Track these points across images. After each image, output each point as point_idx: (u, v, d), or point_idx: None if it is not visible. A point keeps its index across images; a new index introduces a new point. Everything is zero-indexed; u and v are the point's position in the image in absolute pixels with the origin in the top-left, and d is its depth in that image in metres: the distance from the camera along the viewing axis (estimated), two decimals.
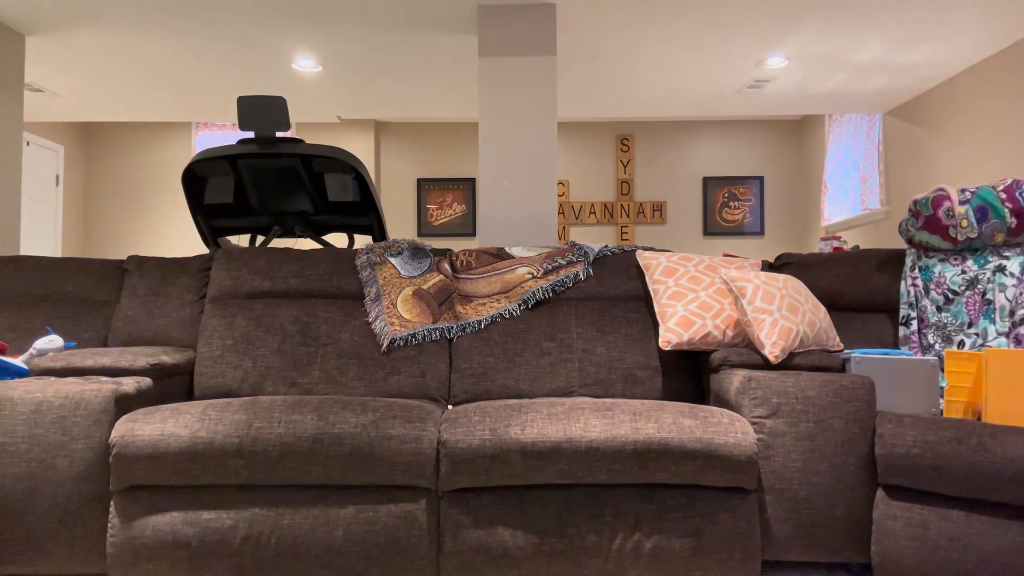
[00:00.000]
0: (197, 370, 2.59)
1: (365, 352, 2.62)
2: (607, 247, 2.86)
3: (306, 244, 7.17)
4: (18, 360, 2.31)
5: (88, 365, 2.24)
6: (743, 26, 4.41)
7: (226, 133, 7.76)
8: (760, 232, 7.78)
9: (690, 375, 2.62)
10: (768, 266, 2.86)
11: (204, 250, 7.69)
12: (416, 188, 7.81)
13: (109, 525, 2.02)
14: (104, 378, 2.18)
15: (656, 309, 2.59)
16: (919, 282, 2.63)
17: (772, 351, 2.23)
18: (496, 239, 4.08)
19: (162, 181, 7.79)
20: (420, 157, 7.84)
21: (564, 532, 2.00)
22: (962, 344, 2.52)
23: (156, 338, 2.70)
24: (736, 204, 7.78)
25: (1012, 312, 2.45)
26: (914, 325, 2.60)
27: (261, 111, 3.44)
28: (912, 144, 5.78)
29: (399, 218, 7.81)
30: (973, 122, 4.99)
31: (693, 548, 2.00)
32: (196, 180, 3.69)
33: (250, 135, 6.85)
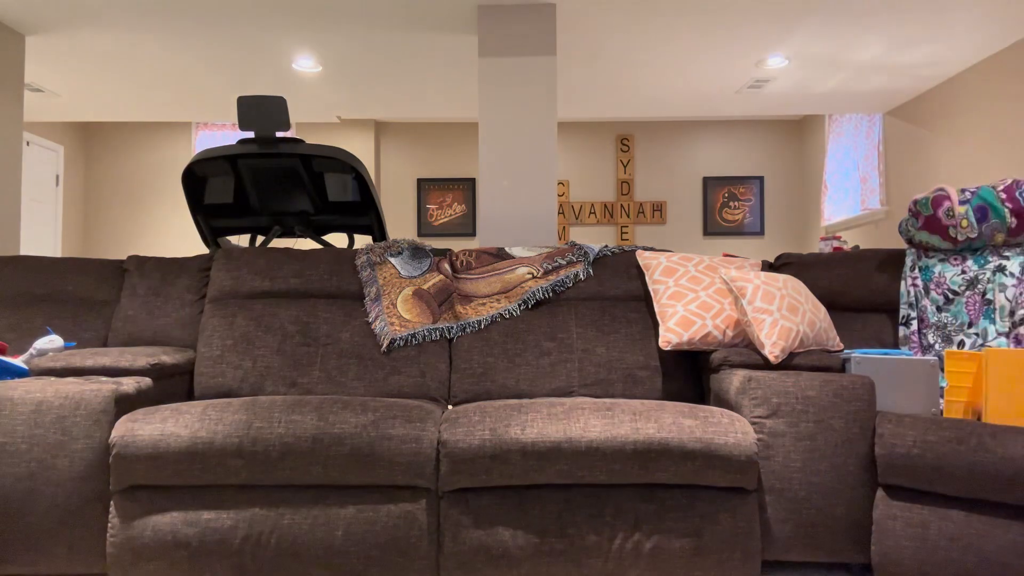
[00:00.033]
0: (197, 370, 2.59)
1: (365, 352, 2.62)
2: (607, 247, 2.86)
3: (306, 244, 7.17)
4: (18, 360, 2.31)
5: (88, 365, 2.24)
6: (743, 26, 4.41)
7: (226, 133, 7.76)
8: (760, 232, 7.78)
9: (690, 375, 2.62)
10: (768, 266, 2.86)
11: (204, 250, 7.69)
12: (416, 188, 7.81)
13: (109, 525, 2.02)
14: (104, 378, 2.18)
15: (656, 309, 2.59)
16: (919, 282, 2.63)
17: (772, 351, 2.23)
18: (496, 239, 4.08)
19: (162, 181, 7.79)
20: (420, 157, 7.84)
21: (564, 532, 2.00)
22: (962, 344, 2.52)
23: (156, 338, 2.70)
24: (736, 204, 7.78)
25: (1012, 312, 2.45)
26: (914, 325, 2.60)
27: (261, 111, 3.44)
28: (912, 144, 5.78)
29: (399, 218, 7.81)
30: (973, 122, 4.99)
31: (693, 548, 2.00)
32: (196, 180, 3.69)
33: (250, 135, 6.85)
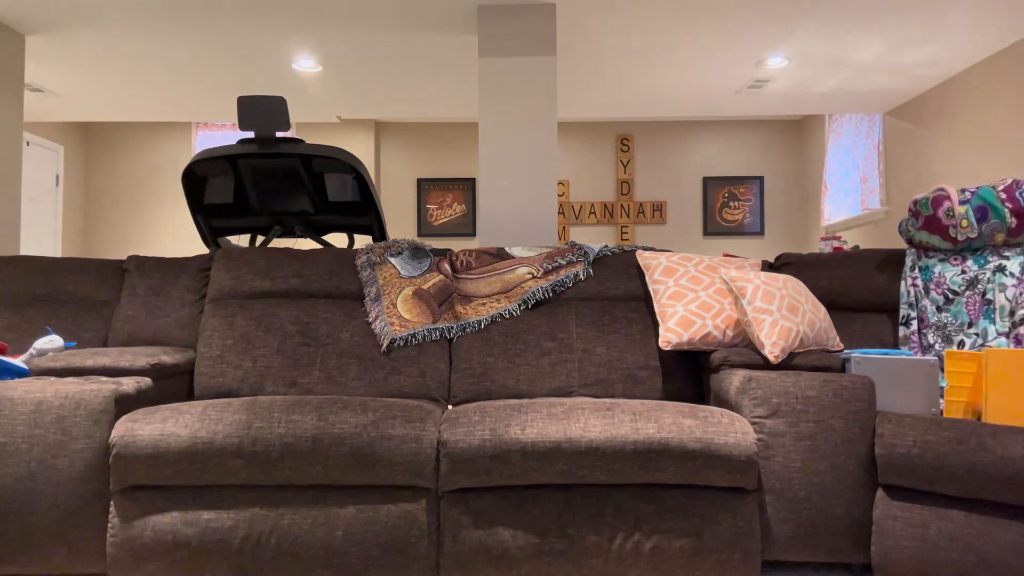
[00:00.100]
0: (197, 370, 2.59)
1: (365, 352, 2.62)
2: (607, 247, 2.86)
3: (306, 244, 7.17)
4: (18, 360, 2.31)
5: (88, 365, 2.24)
6: (743, 26, 4.41)
7: (226, 133, 7.76)
8: (760, 232, 7.78)
9: (690, 375, 2.62)
10: (768, 266, 2.86)
11: (204, 250, 7.69)
12: (416, 188, 7.81)
13: (109, 525, 2.02)
14: (104, 378, 2.18)
15: (656, 309, 2.59)
16: (919, 282, 2.63)
17: (772, 351, 2.23)
18: (496, 239, 4.08)
19: (162, 181, 7.79)
20: (420, 157, 7.84)
21: (564, 532, 2.00)
22: (962, 344, 2.52)
23: (156, 338, 2.70)
24: (736, 204, 7.78)
25: (1012, 312, 2.45)
26: (914, 325, 2.60)
27: (261, 111, 3.44)
28: (912, 144, 5.78)
29: (399, 218, 7.81)
30: (973, 122, 4.99)
31: (693, 548, 2.00)
32: (196, 180, 3.69)
33: (250, 135, 6.85)
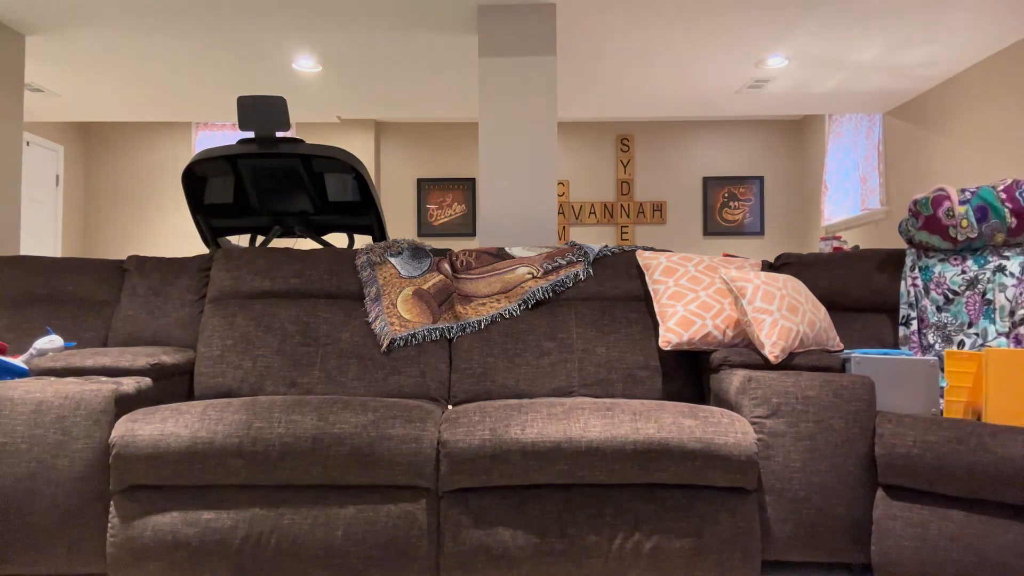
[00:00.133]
0: (197, 370, 2.59)
1: (365, 352, 2.62)
2: (607, 247, 2.86)
3: (306, 244, 7.17)
4: (18, 360, 2.31)
5: (88, 365, 2.24)
6: (743, 26, 4.41)
7: (226, 133, 7.76)
8: (760, 232, 7.78)
9: (690, 375, 2.62)
10: (768, 266, 2.86)
11: (204, 250, 7.69)
12: (416, 188, 7.81)
13: (109, 525, 2.02)
14: (104, 378, 2.18)
15: (656, 309, 2.59)
16: (919, 282, 2.63)
17: (772, 351, 2.23)
18: (496, 239, 4.08)
19: (162, 181, 7.79)
20: (420, 157, 7.84)
21: (564, 532, 2.00)
22: (962, 344, 2.52)
23: (156, 338, 2.70)
24: (736, 204, 7.78)
25: (1012, 312, 2.45)
26: (914, 325, 2.60)
27: (261, 111, 3.44)
28: (912, 144, 5.78)
29: (399, 218, 7.81)
30: (973, 122, 4.99)
31: (693, 548, 2.00)
32: (196, 180, 3.69)
33: (250, 135, 6.85)
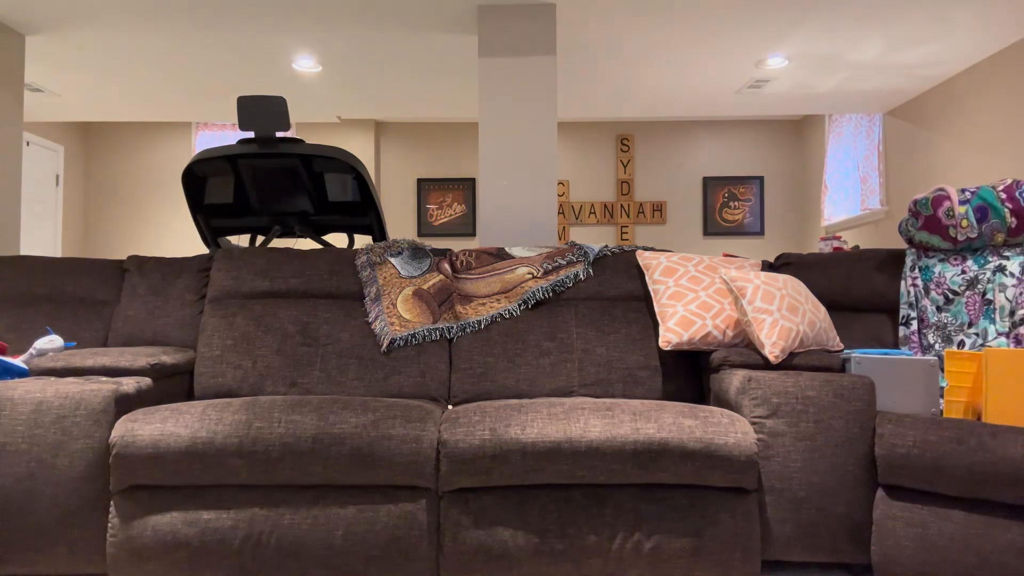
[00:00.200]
0: (197, 370, 2.59)
1: (365, 352, 2.62)
2: (607, 247, 2.86)
3: (306, 244, 7.17)
4: (18, 360, 2.31)
5: (88, 365, 2.24)
6: (743, 26, 4.41)
7: (226, 133, 7.76)
8: (760, 232, 7.78)
9: (690, 375, 2.62)
10: (768, 266, 2.86)
11: (204, 250, 7.69)
12: (416, 188, 7.81)
13: (109, 525, 2.02)
14: (104, 378, 2.18)
15: (656, 309, 2.59)
16: (919, 282, 2.63)
17: (772, 351, 2.23)
18: (496, 239, 4.08)
19: (162, 181, 7.79)
20: (420, 157, 7.84)
21: (564, 532, 2.00)
22: (962, 344, 2.52)
23: (156, 338, 2.70)
24: (736, 204, 7.78)
25: (1012, 312, 2.45)
26: (914, 325, 2.60)
27: (261, 111, 3.44)
28: (912, 144, 5.78)
29: (399, 218, 7.81)
30: (973, 122, 4.99)
31: (693, 548, 2.00)
32: (196, 180, 3.69)
33: (250, 135, 6.85)
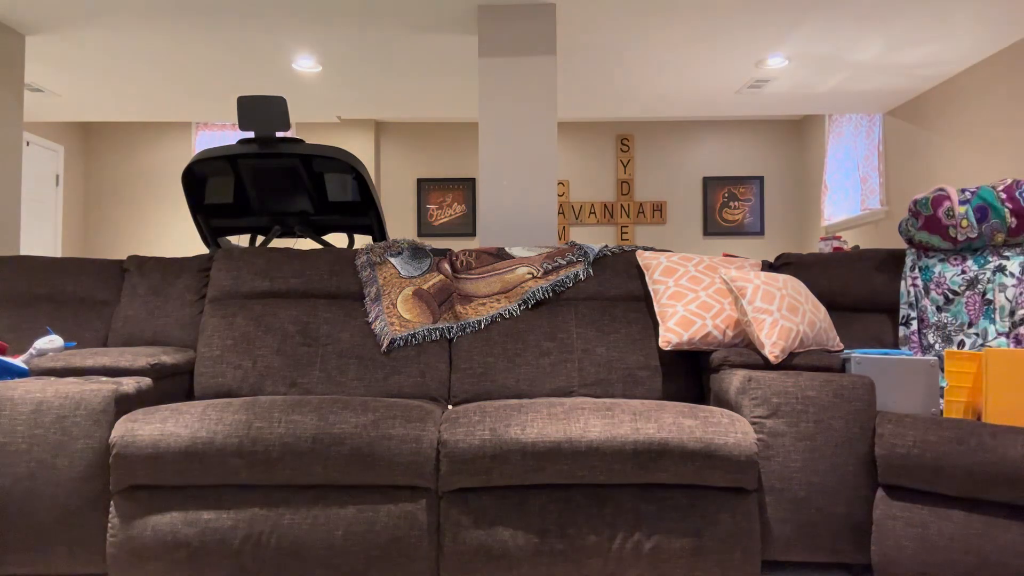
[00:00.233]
0: (197, 370, 2.59)
1: (365, 352, 2.62)
2: (607, 247, 2.86)
3: (306, 244, 7.17)
4: (18, 360, 2.31)
5: (88, 365, 2.24)
6: (743, 26, 4.41)
7: (226, 133, 7.76)
8: (760, 232, 7.78)
9: (690, 375, 2.62)
10: (768, 266, 2.86)
11: (204, 250, 7.69)
12: (416, 188, 7.81)
13: (109, 525, 2.02)
14: (104, 378, 2.18)
15: (656, 309, 2.59)
16: (919, 282, 2.63)
17: (772, 351, 2.23)
18: (496, 239, 4.08)
19: (162, 181, 7.79)
20: (420, 157, 7.84)
21: (564, 532, 2.00)
22: (962, 344, 2.52)
23: (156, 338, 2.70)
24: (736, 204, 7.78)
25: (1012, 312, 2.45)
26: (914, 325, 2.60)
27: (261, 111, 3.44)
28: (912, 144, 5.78)
29: (399, 218, 7.81)
30: (973, 122, 4.99)
31: (693, 548, 2.00)
32: (196, 180, 3.69)
33: (250, 135, 6.85)
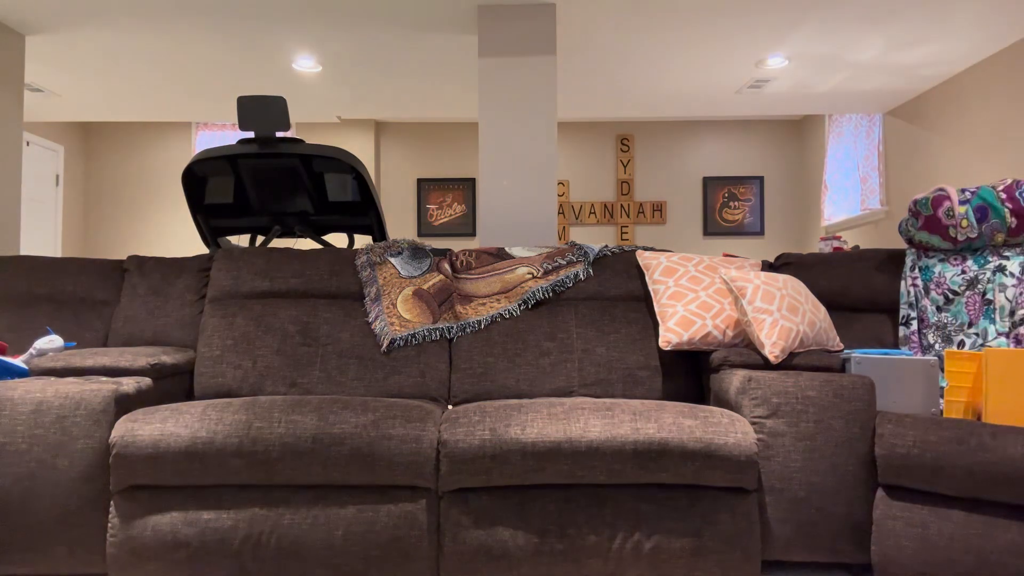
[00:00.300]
0: (197, 370, 2.59)
1: (365, 352, 2.62)
2: (607, 247, 2.86)
3: (306, 244, 7.17)
4: (18, 360, 2.31)
5: (88, 365, 2.24)
6: (743, 26, 4.41)
7: (226, 133, 7.76)
8: (760, 232, 7.78)
9: (690, 375, 2.62)
10: (768, 266, 2.86)
11: (204, 250, 7.69)
12: (416, 188, 7.81)
13: (109, 525, 2.02)
14: (104, 378, 2.18)
15: (656, 309, 2.59)
16: (919, 282, 2.63)
17: (772, 351, 2.23)
18: (496, 239, 4.08)
19: (162, 181, 7.79)
20: (420, 157, 7.84)
21: (564, 532, 2.00)
22: (962, 344, 2.52)
23: (156, 338, 2.70)
24: (736, 204, 7.78)
25: (1012, 312, 2.45)
26: (914, 325, 2.60)
27: (261, 111, 3.44)
28: (912, 144, 5.78)
29: (399, 218, 7.81)
30: (973, 122, 4.99)
31: (693, 548, 2.00)
32: (196, 180, 3.69)
33: (250, 135, 6.85)
